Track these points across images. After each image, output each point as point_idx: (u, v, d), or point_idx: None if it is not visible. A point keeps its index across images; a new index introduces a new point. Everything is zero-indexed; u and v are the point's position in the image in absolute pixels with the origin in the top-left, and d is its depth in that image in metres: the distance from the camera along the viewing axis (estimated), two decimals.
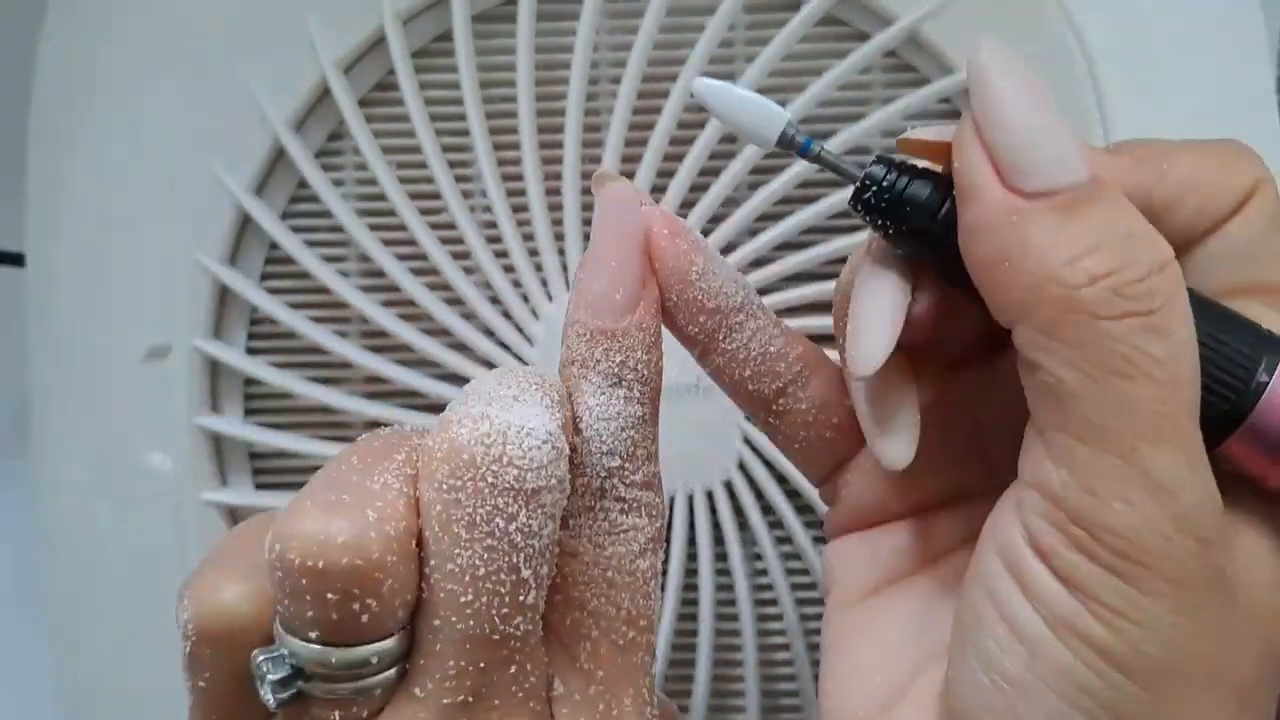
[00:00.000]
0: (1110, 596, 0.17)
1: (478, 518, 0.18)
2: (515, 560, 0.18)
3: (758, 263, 0.34)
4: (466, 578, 0.18)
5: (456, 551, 0.18)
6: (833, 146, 0.33)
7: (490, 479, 0.18)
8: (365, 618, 0.18)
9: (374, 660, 0.18)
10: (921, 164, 0.20)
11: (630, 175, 0.34)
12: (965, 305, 0.20)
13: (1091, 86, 0.33)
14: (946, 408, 0.22)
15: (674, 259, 0.21)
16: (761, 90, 0.33)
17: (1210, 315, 0.19)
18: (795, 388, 0.23)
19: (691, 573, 0.35)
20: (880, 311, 0.20)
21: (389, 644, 0.18)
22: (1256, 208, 0.20)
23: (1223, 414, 0.18)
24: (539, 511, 0.18)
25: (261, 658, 0.18)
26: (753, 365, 0.23)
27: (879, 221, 0.20)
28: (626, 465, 0.21)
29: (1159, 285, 0.17)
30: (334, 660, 0.18)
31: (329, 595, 0.17)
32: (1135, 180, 0.20)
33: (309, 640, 0.18)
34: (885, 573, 0.23)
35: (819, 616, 0.36)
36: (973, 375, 0.23)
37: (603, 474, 0.21)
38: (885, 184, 0.20)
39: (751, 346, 0.22)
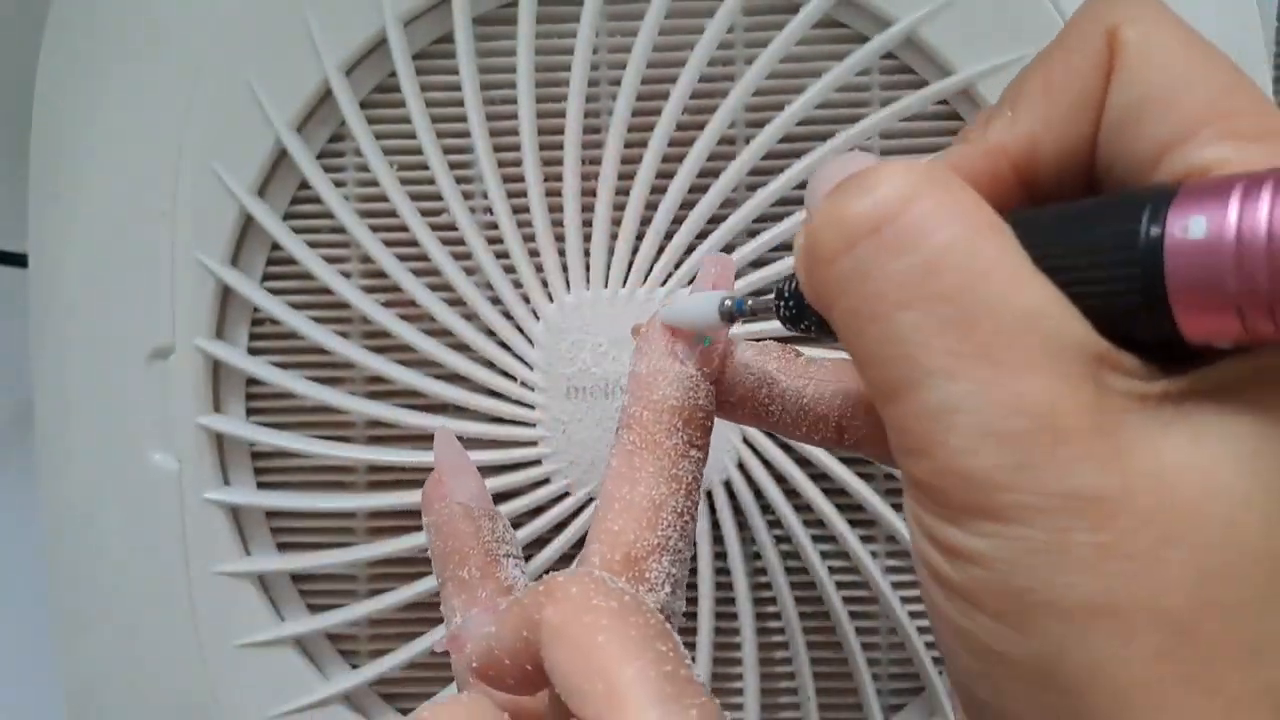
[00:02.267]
0: (946, 539, 0.16)
1: (668, 653, 0.19)
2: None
3: (757, 263, 0.34)
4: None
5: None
6: (831, 148, 0.33)
7: (676, 617, 0.22)
8: None
9: None
10: None
11: (630, 176, 0.34)
12: None
13: None
14: None
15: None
16: (760, 92, 0.34)
17: (1077, 215, 0.16)
18: (848, 419, 0.24)
19: (691, 572, 0.35)
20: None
21: None
22: (1122, 60, 0.17)
23: (1139, 296, 0.15)
24: None
25: None
26: (801, 422, 0.24)
27: (802, 325, 0.21)
28: None
29: (887, 197, 0.16)
30: None
31: None
32: (986, 147, 0.18)
33: None
34: None
35: (818, 616, 0.36)
36: None
37: None
38: (789, 293, 0.21)
39: (788, 409, 0.24)
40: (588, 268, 0.34)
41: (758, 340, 0.25)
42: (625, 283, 0.34)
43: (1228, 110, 0.16)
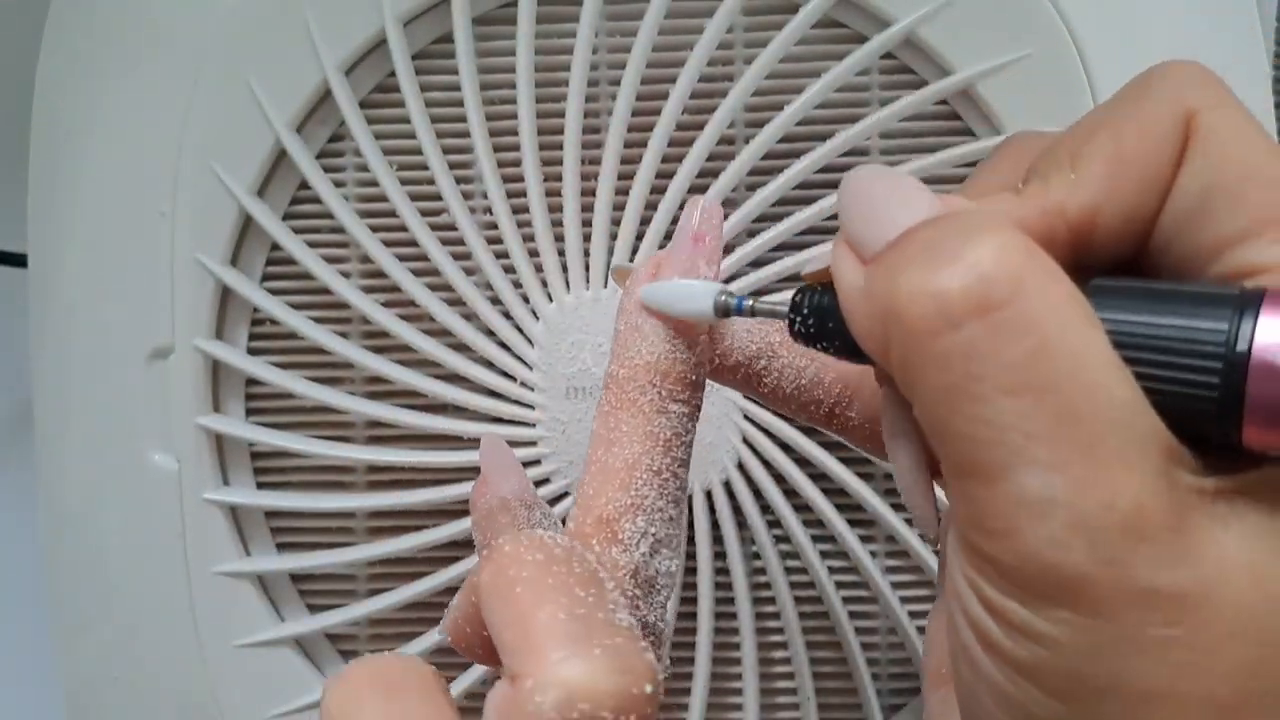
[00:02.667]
0: (1012, 617, 0.16)
1: (649, 618, 0.21)
2: (662, 652, 0.21)
3: (756, 263, 0.34)
4: None
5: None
6: (830, 148, 0.33)
7: (664, 589, 0.22)
8: None
9: None
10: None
11: (630, 176, 0.34)
12: None
13: (1087, 87, 0.33)
14: None
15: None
16: (760, 92, 0.34)
17: (1158, 300, 0.16)
18: (842, 408, 0.24)
19: (691, 572, 0.35)
20: (905, 477, 0.21)
21: None
22: (1198, 147, 0.17)
23: (1214, 404, 0.16)
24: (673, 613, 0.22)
25: None
26: (793, 399, 0.24)
27: (819, 345, 0.21)
28: None
29: (995, 277, 0.15)
30: None
31: None
32: (1044, 206, 0.18)
33: None
34: None
35: (818, 616, 0.36)
36: None
37: None
38: (808, 309, 0.20)
39: (783, 385, 0.24)
40: (588, 268, 0.34)
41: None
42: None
43: None
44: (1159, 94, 0.18)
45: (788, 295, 0.27)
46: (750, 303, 0.22)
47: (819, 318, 0.20)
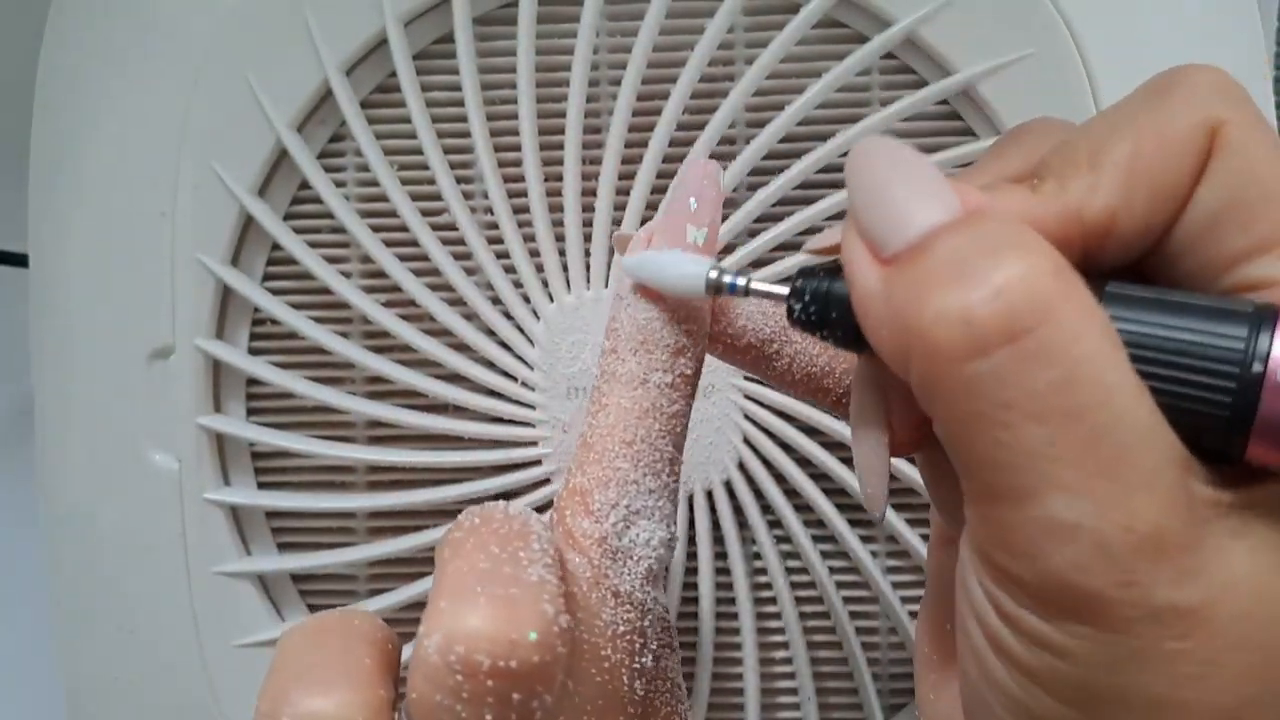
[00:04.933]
0: (1028, 628, 0.17)
1: (623, 587, 0.20)
2: (643, 624, 0.20)
3: (756, 264, 0.34)
4: (608, 633, 0.20)
5: (604, 610, 0.20)
6: (830, 148, 0.33)
7: (643, 560, 0.21)
8: (539, 715, 0.18)
9: None
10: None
11: (630, 176, 0.34)
12: None
13: (1088, 87, 0.33)
14: None
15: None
16: (760, 92, 0.34)
17: (1174, 312, 0.17)
18: (849, 398, 0.24)
19: (691, 572, 0.35)
20: (867, 464, 0.21)
21: None
22: (1221, 161, 0.18)
23: (1225, 419, 0.16)
24: (661, 587, 0.21)
25: None
26: (803, 385, 0.24)
27: (820, 333, 0.20)
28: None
29: (1023, 302, 0.15)
30: None
31: (515, 695, 0.17)
32: (1060, 207, 0.18)
33: None
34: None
35: (818, 616, 0.36)
36: None
37: None
38: (810, 296, 0.20)
39: (794, 370, 0.24)
40: (588, 268, 0.34)
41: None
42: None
43: None
44: (1183, 101, 0.18)
45: (787, 266, 0.27)
46: (744, 282, 0.21)
47: (821, 305, 0.20)
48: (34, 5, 0.36)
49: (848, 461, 0.34)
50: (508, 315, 0.35)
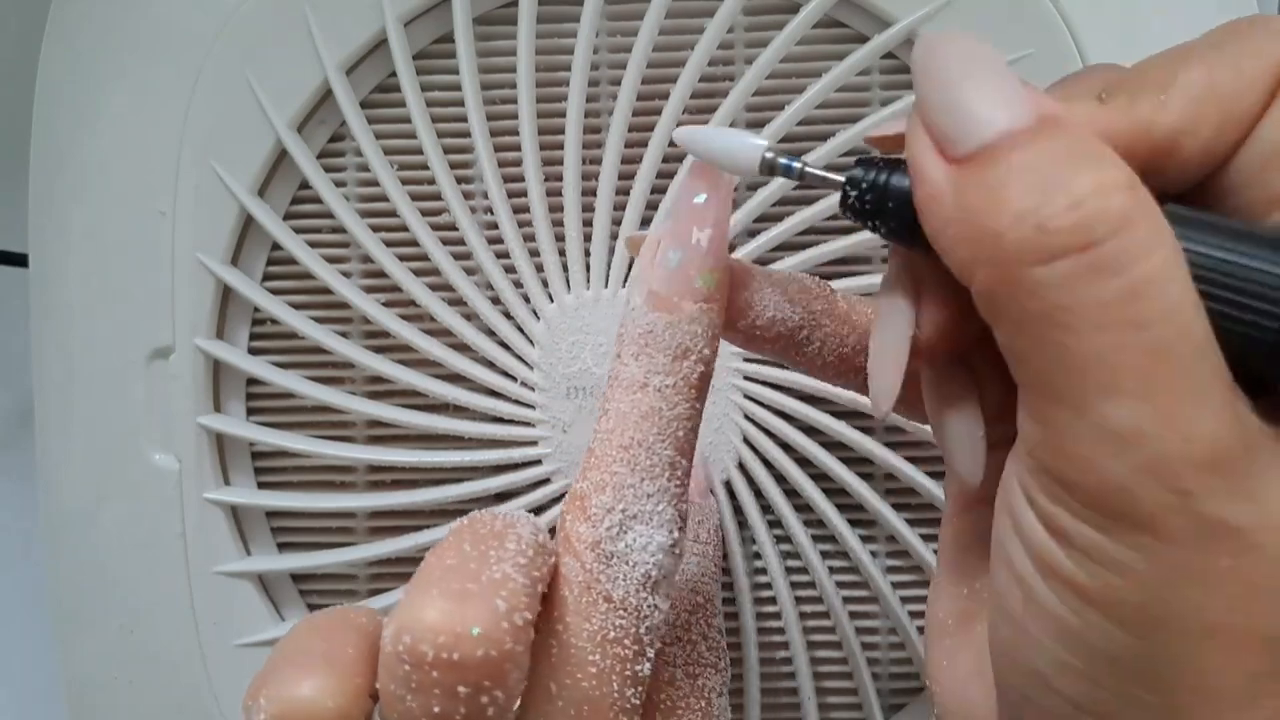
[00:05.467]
0: (1084, 543, 0.17)
1: (616, 593, 0.20)
2: (639, 630, 0.20)
3: (756, 264, 0.34)
4: (598, 638, 0.20)
5: (594, 615, 0.20)
6: (830, 149, 0.33)
7: (639, 565, 0.21)
8: (491, 710, 0.18)
9: None
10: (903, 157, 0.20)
11: (630, 176, 0.34)
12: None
13: None
14: None
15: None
16: (760, 92, 0.34)
17: (1233, 238, 0.17)
18: None
19: None
20: (884, 352, 0.21)
21: None
22: None
23: (1273, 343, 0.16)
24: (663, 594, 0.21)
25: None
26: (833, 367, 0.24)
27: (870, 223, 0.20)
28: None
29: (1098, 213, 0.16)
30: None
31: (460, 689, 0.18)
32: (1129, 122, 0.18)
33: None
34: (978, 492, 0.23)
35: (818, 616, 0.36)
36: None
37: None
38: (866, 185, 0.20)
39: (825, 354, 0.24)
40: (588, 268, 0.34)
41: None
42: (626, 283, 0.34)
43: None
44: (1258, 40, 0.18)
45: (789, 265, 0.26)
46: (799, 165, 0.21)
47: (878, 196, 0.20)
48: (34, 5, 0.36)
49: (847, 461, 0.34)
50: (508, 315, 0.35)
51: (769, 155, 0.21)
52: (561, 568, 0.21)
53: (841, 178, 0.20)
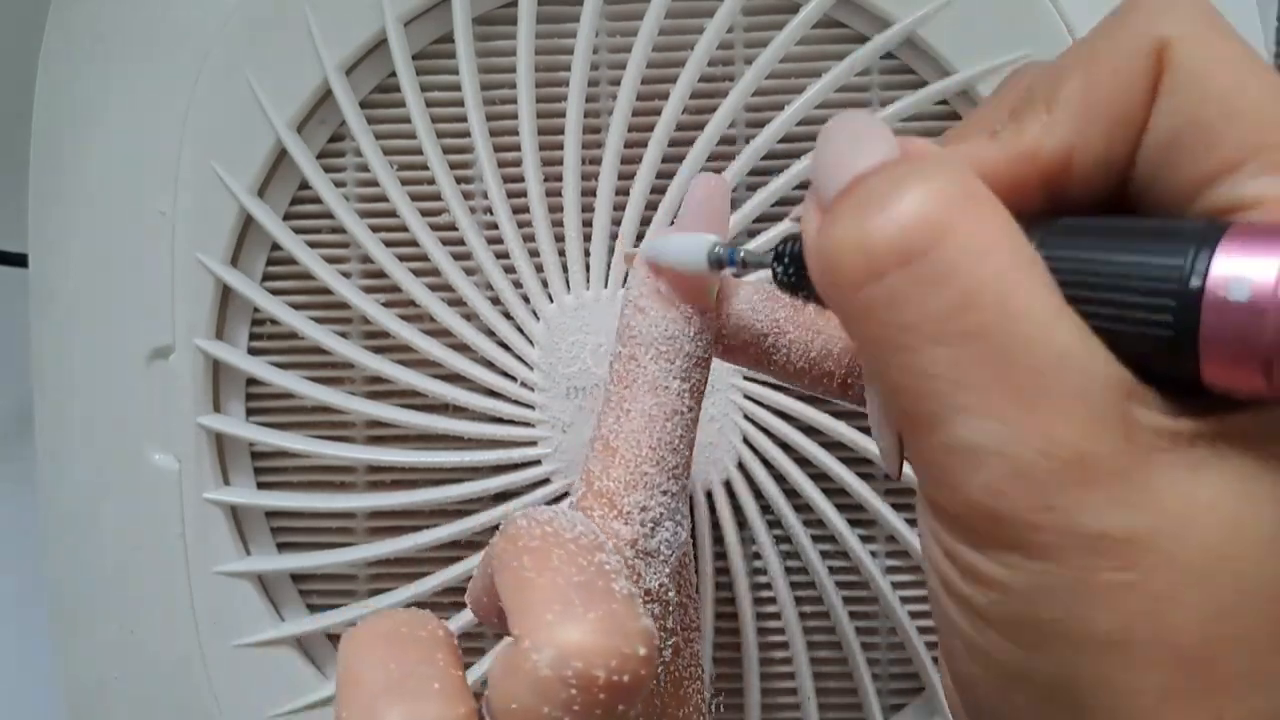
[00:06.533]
0: (965, 562, 0.16)
1: (652, 586, 0.22)
2: (668, 621, 0.21)
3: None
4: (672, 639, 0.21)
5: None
6: None
7: (669, 560, 0.22)
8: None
9: None
10: None
11: (630, 176, 0.34)
12: None
13: None
14: None
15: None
16: (760, 92, 0.34)
17: (1117, 237, 0.16)
18: (854, 377, 0.24)
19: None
20: (878, 418, 0.21)
21: None
22: (1169, 82, 0.17)
23: (1168, 342, 0.15)
24: (677, 584, 0.22)
25: None
26: (805, 373, 0.24)
27: (798, 293, 0.21)
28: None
29: (915, 225, 0.15)
30: None
31: (620, 707, 0.17)
32: (1013, 151, 0.18)
33: None
34: None
35: (818, 616, 0.36)
36: None
37: None
38: (787, 259, 0.21)
39: (793, 359, 0.24)
40: (588, 268, 0.34)
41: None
42: (625, 283, 0.34)
43: (1278, 142, 0.16)
44: (1132, 25, 0.17)
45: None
46: (740, 254, 0.22)
47: (798, 266, 0.20)
48: (34, 5, 0.36)
49: (847, 461, 0.34)
50: (507, 315, 0.35)
51: (715, 250, 0.22)
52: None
53: (771, 257, 0.21)
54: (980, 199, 0.16)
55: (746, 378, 0.34)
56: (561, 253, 0.34)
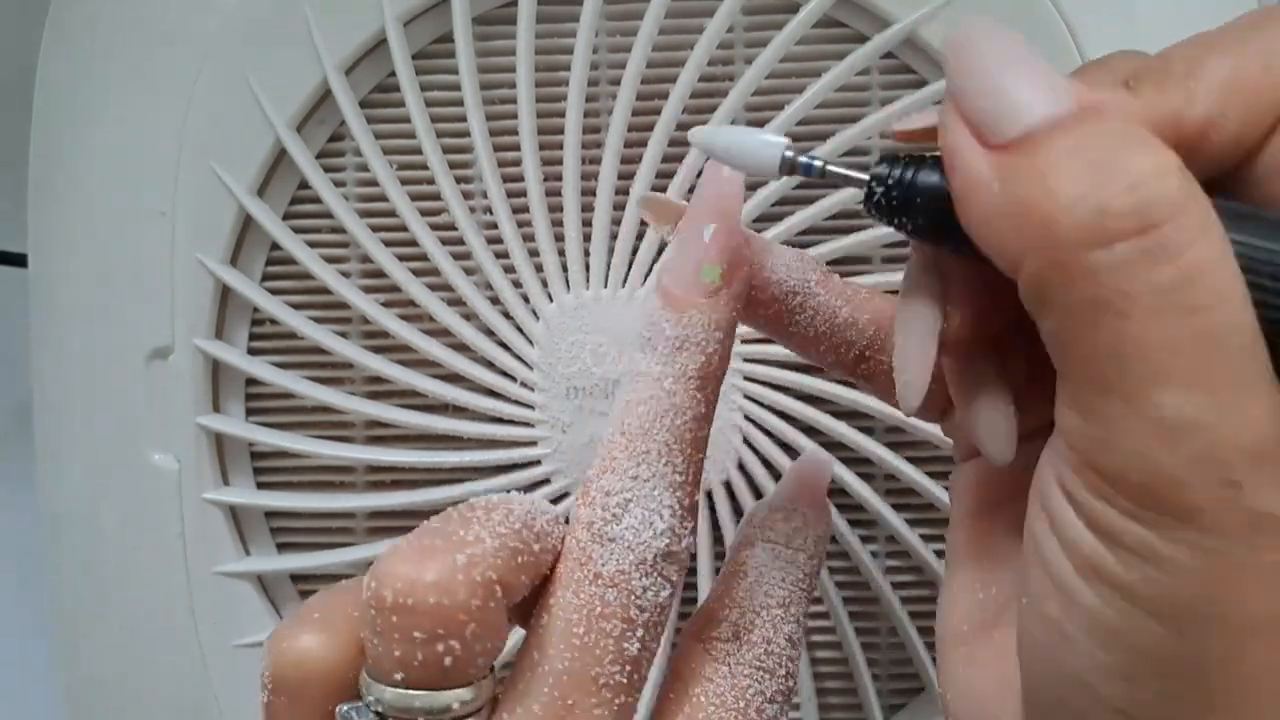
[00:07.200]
0: (1131, 540, 0.16)
1: (606, 570, 0.21)
2: (629, 610, 0.20)
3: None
4: (584, 612, 0.20)
5: (582, 590, 0.20)
6: (830, 148, 0.33)
7: (635, 547, 0.21)
8: (448, 660, 0.19)
9: (455, 706, 0.19)
10: (930, 152, 0.20)
11: (630, 176, 0.34)
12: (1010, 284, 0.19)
13: None
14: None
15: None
16: (760, 92, 0.34)
17: (1274, 229, 0.17)
18: (874, 350, 0.24)
19: (691, 572, 0.35)
20: (911, 348, 0.21)
21: (469, 692, 0.19)
22: None
23: None
24: (661, 577, 0.21)
25: (345, 708, 0.19)
26: (824, 340, 0.24)
27: (897, 220, 0.19)
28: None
29: (1157, 196, 0.15)
30: (417, 704, 0.19)
31: (416, 634, 0.18)
32: (1159, 111, 0.18)
33: (394, 684, 0.19)
34: (994, 494, 0.23)
35: (818, 616, 0.36)
36: None
37: None
38: (892, 181, 0.19)
39: (817, 323, 0.24)
40: (588, 268, 0.34)
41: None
42: (625, 283, 0.34)
43: None
44: None
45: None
46: (820, 163, 0.21)
47: (905, 191, 0.19)
48: (34, 5, 0.36)
49: (847, 461, 0.34)
50: (507, 315, 0.35)
51: (789, 154, 0.21)
52: (563, 547, 0.21)
53: (864, 175, 0.20)
54: (1190, 176, 0.16)
55: (747, 378, 0.34)
56: (561, 252, 0.34)
